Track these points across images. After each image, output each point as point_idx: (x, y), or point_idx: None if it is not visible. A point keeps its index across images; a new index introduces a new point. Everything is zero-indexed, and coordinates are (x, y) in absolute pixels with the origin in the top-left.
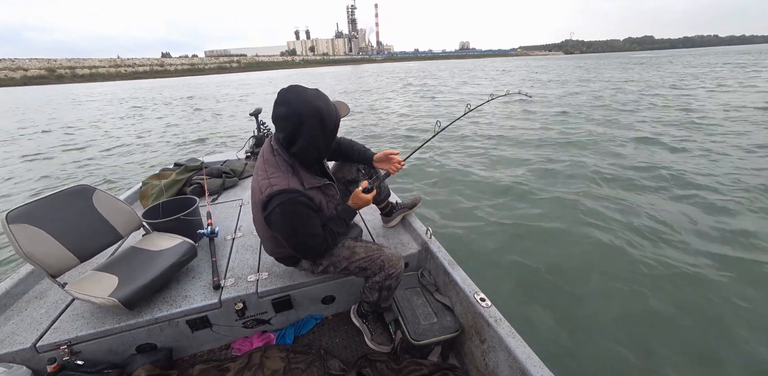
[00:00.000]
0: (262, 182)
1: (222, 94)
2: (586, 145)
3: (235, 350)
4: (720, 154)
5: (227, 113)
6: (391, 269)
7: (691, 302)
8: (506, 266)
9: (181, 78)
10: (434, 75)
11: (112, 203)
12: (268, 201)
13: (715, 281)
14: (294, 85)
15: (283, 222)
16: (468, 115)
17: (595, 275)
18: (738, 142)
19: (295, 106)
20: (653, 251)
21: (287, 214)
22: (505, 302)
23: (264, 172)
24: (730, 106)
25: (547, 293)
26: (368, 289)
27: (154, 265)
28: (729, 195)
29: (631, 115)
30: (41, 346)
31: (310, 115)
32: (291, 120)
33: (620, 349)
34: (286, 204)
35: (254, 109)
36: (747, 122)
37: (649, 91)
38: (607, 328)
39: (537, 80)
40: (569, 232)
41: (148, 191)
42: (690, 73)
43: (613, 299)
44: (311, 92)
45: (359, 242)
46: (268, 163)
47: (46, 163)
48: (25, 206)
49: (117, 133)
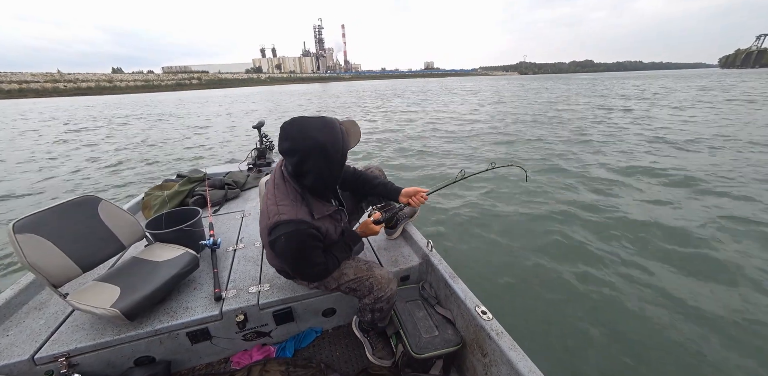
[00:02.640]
0: (271, 208)
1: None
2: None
3: (235, 364)
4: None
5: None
6: (380, 292)
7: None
8: (508, 279)
9: (134, 95)
10: (401, 95)
11: (117, 214)
12: (274, 228)
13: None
14: (297, 118)
15: (285, 251)
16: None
17: (601, 290)
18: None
19: (299, 141)
20: (665, 262)
21: (291, 244)
22: (507, 315)
23: (273, 197)
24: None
25: (551, 306)
26: (361, 309)
27: (156, 275)
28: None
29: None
30: (39, 358)
31: (313, 151)
32: (295, 155)
33: (626, 365)
34: (292, 235)
35: (257, 121)
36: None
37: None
38: (613, 344)
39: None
40: (573, 243)
41: (150, 201)
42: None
43: (618, 315)
44: (315, 124)
45: (350, 262)
46: (278, 189)
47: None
48: (32, 216)
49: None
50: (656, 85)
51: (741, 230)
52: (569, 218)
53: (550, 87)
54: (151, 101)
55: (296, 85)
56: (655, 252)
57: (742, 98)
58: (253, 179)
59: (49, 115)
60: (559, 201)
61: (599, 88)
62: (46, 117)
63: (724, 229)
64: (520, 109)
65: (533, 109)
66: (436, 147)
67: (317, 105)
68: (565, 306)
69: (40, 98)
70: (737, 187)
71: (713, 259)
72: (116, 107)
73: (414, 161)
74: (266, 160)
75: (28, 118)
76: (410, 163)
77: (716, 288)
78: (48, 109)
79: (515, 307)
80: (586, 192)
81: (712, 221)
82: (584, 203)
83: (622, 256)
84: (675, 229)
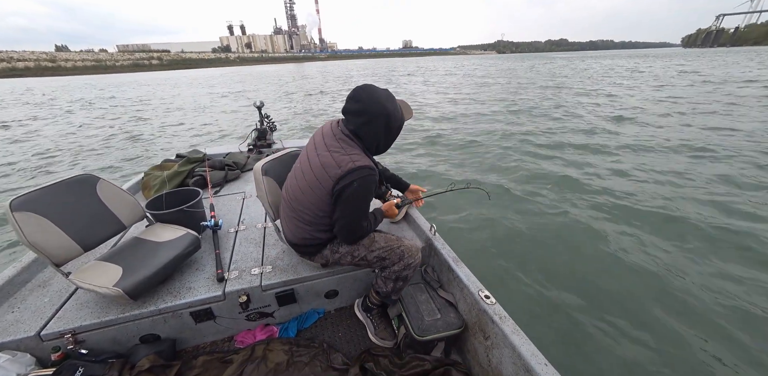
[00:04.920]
0: (341, 158)
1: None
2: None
3: (239, 343)
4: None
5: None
6: (410, 258)
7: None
8: (511, 264)
9: (84, 76)
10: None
11: (116, 193)
12: (346, 174)
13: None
14: (368, 84)
15: (355, 196)
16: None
17: (606, 276)
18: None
19: (367, 104)
20: (674, 250)
21: (362, 189)
22: (510, 300)
23: (341, 148)
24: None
25: (555, 290)
26: (384, 278)
27: (158, 256)
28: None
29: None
30: (46, 334)
31: (378, 115)
32: (361, 117)
33: (632, 350)
34: (366, 179)
35: (258, 101)
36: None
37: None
38: (618, 329)
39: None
40: (578, 229)
41: (150, 181)
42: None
43: (625, 301)
44: (383, 93)
45: (379, 233)
46: (344, 142)
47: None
48: (29, 194)
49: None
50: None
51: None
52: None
53: (538, 69)
54: (105, 84)
55: (268, 66)
56: (671, 235)
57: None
58: (254, 161)
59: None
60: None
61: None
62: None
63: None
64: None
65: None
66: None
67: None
68: (572, 292)
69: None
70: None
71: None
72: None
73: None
74: (266, 141)
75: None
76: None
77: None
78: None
79: (521, 293)
80: (596, 176)
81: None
82: (598, 187)
83: (634, 243)
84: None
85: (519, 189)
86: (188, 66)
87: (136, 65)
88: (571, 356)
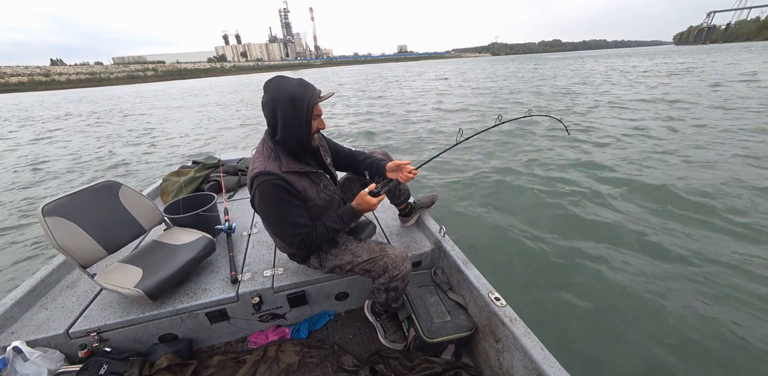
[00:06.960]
0: (251, 170)
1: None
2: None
3: (252, 343)
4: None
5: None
6: (395, 270)
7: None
8: (522, 266)
9: (77, 90)
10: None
11: (137, 199)
12: (251, 185)
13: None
14: (279, 75)
15: (261, 205)
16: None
17: (620, 278)
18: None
19: (272, 93)
20: (691, 247)
21: (264, 196)
22: (521, 302)
23: (255, 159)
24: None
25: (567, 293)
26: (376, 290)
27: (175, 258)
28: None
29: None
30: (73, 332)
31: (282, 99)
32: (268, 106)
33: (649, 356)
34: (263, 186)
35: None
36: None
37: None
38: (633, 333)
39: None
40: (587, 229)
41: (168, 187)
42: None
43: (638, 304)
44: (292, 81)
45: (362, 244)
46: (257, 151)
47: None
48: (60, 200)
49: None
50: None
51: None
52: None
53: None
54: (94, 97)
55: (264, 74)
56: (683, 238)
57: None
58: None
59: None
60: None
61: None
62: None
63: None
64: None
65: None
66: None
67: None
68: (585, 295)
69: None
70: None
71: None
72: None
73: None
74: None
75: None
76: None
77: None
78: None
79: (531, 294)
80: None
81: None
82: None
83: (648, 244)
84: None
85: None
86: (184, 76)
87: (131, 77)
88: (584, 359)
